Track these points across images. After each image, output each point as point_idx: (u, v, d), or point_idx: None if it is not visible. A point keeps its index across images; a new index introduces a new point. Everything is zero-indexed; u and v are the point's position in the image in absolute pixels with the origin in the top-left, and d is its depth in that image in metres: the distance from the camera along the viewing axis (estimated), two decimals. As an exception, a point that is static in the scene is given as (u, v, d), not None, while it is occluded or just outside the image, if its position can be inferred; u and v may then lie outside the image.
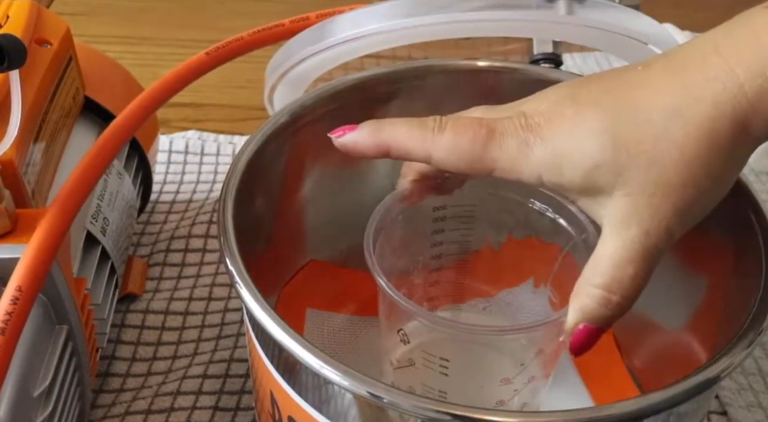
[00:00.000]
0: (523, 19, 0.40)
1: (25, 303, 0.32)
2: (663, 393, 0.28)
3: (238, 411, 0.43)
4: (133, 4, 0.84)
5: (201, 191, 0.59)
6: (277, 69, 0.44)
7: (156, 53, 0.76)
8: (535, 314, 0.41)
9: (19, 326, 0.32)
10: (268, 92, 0.46)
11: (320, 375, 0.28)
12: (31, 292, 0.33)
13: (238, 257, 0.32)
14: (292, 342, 0.29)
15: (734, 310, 0.33)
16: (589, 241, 0.36)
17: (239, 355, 0.46)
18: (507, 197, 0.39)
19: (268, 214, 0.40)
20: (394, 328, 0.38)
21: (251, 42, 0.46)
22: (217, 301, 0.50)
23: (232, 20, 0.81)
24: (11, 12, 0.41)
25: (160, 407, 0.43)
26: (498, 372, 0.38)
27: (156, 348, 0.47)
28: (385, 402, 0.27)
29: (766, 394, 0.45)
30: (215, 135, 0.64)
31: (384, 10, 0.41)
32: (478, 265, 0.43)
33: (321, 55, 0.42)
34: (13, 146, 0.35)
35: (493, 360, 0.40)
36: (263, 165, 0.38)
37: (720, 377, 0.29)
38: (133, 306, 0.49)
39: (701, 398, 0.29)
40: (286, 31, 0.45)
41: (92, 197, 0.44)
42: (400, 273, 0.40)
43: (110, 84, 0.50)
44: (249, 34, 0.46)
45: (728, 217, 0.36)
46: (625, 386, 0.43)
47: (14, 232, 0.35)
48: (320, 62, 0.43)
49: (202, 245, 0.53)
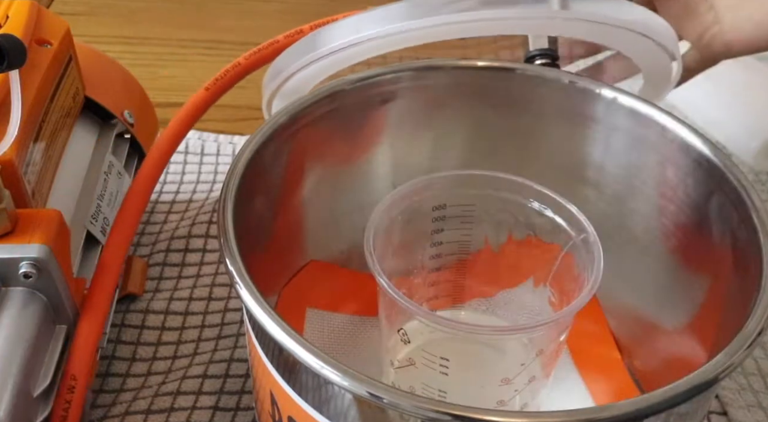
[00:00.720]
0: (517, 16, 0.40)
1: (80, 391, 0.36)
2: (663, 393, 0.28)
3: (238, 411, 0.43)
4: (133, 4, 0.84)
5: (201, 191, 0.59)
6: (271, 82, 0.44)
7: (156, 53, 0.76)
8: (535, 314, 0.41)
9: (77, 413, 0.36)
10: (266, 104, 0.46)
11: (320, 376, 0.28)
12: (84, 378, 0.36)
13: (238, 258, 0.32)
14: (292, 342, 0.29)
15: (734, 310, 0.33)
16: (589, 241, 0.37)
17: (239, 355, 0.46)
18: (507, 197, 0.39)
19: (268, 214, 0.40)
20: (395, 328, 0.38)
21: (249, 66, 0.46)
22: (217, 301, 0.50)
23: (233, 20, 0.81)
24: (11, 12, 0.41)
25: (160, 407, 0.43)
26: (498, 372, 0.38)
27: (156, 347, 0.47)
28: (385, 403, 0.27)
29: (766, 394, 0.45)
30: (215, 135, 0.64)
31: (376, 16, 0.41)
32: (478, 265, 0.43)
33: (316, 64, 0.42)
34: (13, 145, 0.35)
35: (494, 360, 0.40)
36: (263, 165, 0.38)
37: (720, 377, 0.29)
38: (133, 306, 0.49)
39: (701, 398, 0.29)
40: (282, 47, 0.45)
41: (92, 197, 0.44)
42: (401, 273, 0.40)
43: (110, 84, 0.50)
44: (245, 58, 0.46)
45: (728, 217, 0.36)
46: (625, 386, 0.43)
47: (14, 232, 0.35)
48: (316, 71, 0.43)
49: (202, 245, 0.53)
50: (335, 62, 0.42)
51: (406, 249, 0.40)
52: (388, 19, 0.40)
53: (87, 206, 0.43)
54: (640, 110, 0.40)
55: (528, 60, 0.44)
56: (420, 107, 0.44)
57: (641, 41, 0.41)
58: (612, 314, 0.45)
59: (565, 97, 0.43)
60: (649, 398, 0.28)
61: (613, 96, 0.41)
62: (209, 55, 0.75)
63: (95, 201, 0.44)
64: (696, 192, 0.38)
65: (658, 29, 0.42)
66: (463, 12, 0.40)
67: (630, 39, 0.41)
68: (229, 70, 0.46)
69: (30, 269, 0.34)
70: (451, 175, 0.40)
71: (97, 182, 0.45)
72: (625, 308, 0.44)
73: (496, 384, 0.37)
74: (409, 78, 0.43)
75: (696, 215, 0.39)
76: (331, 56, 0.42)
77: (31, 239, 0.34)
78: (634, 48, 0.42)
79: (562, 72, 0.43)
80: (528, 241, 0.40)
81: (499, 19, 0.40)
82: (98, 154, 0.47)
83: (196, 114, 0.45)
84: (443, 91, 0.44)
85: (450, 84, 0.43)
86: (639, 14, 0.42)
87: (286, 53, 0.44)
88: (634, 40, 0.41)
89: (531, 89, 0.43)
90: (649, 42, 0.42)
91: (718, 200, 0.37)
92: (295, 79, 0.43)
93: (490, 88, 0.44)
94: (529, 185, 0.39)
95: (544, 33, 0.44)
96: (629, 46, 0.42)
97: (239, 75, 0.46)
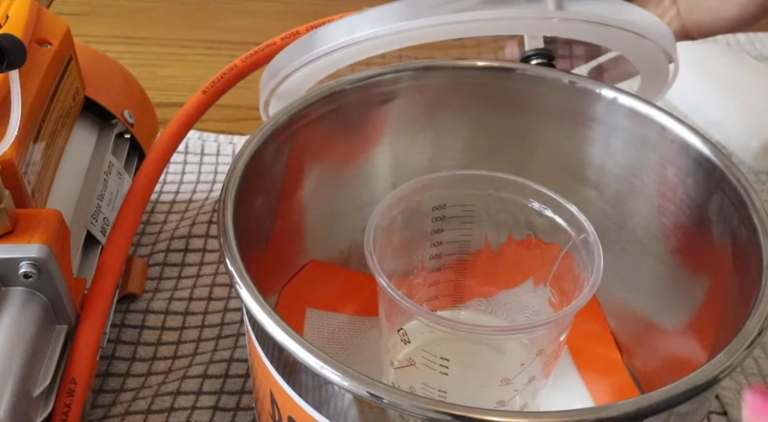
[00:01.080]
0: (513, 17, 0.40)
1: (80, 394, 0.36)
2: (663, 393, 0.28)
3: (238, 411, 0.43)
4: (133, 4, 0.84)
5: (201, 191, 0.59)
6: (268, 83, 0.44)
7: (156, 53, 0.76)
8: (535, 314, 0.41)
9: (77, 414, 0.36)
10: (263, 106, 0.46)
11: (320, 376, 0.28)
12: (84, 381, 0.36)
13: (238, 258, 0.32)
14: (292, 342, 0.29)
15: (734, 310, 0.33)
16: (589, 241, 0.37)
17: (239, 355, 0.46)
18: (506, 197, 0.39)
19: (268, 214, 0.40)
20: (395, 328, 0.38)
21: (245, 68, 0.46)
22: (217, 301, 0.50)
23: (233, 20, 0.81)
24: (11, 12, 0.41)
25: (160, 407, 0.43)
26: (498, 372, 0.38)
27: (156, 347, 0.47)
28: (385, 403, 0.27)
29: (766, 394, 0.45)
30: (215, 135, 0.64)
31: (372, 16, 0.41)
32: (478, 265, 0.43)
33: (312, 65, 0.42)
34: (13, 145, 0.35)
35: (494, 360, 0.40)
36: (263, 165, 0.38)
37: (720, 377, 0.29)
38: (133, 306, 0.49)
39: (701, 398, 0.29)
40: (278, 49, 0.45)
41: (92, 197, 0.44)
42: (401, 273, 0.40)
43: (110, 84, 0.50)
44: (242, 60, 0.46)
45: (728, 217, 0.36)
46: (626, 386, 0.43)
47: (14, 232, 0.35)
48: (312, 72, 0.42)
49: (202, 245, 0.53)
50: (331, 63, 0.42)
51: (406, 249, 0.40)
52: (384, 19, 0.40)
53: (87, 206, 0.43)
54: (640, 110, 0.40)
55: (524, 60, 0.44)
56: (420, 107, 0.44)
57: (638, 41, 0.41)
58: (612, 314, 0.45)
59: (565, 98, 0.43)
60: (649, 398, 0.28)
61: (613, 96, 0.41)
62: (209, 56, 0.75)
63: (95, 201, 0.44)
64: (696, 192, 0.38)
65: (655, 29, 0.42)
66: (458, 12, 0.40)
67: (627, 39, 0.41)
68: (226, 72, 0.46)
69: (30, 269, 0.34)
70: (451, 175, 0.40)
71: (97, 182, 0.45)
72: (625, 308, 0.44)
73: (496, 383, 0.37)
74: (409, 78, 0.43)
75: (696, 215, 0.39)
76: (328, 57, 0.41)
77: (31, 239, 0.34)
78: (631, 48, 0.42)
79: (561, 72, 0.43)
80: (528, 241, 0.40)
81: (495, 20, 0.40)
82: (98, 154, 0.47)
83: (195, 116, 0.45)
84: (443, 91, 0.44)
85: (450, 84, 0.43)
86: (636, 14, 0.42)
87: (282, 54, 0.44)
88: (630, 40, 0.41)
89: (531, 89, 0.43)
90: (646, 42, 0.41)
91: (718, 200, 0.37)
92: (292, 80, 0.43)
93: (489, 88, 0.44)
94: (529, 185, 0.39)
95: (540, 33, 0.44)
96: (626, 46, 0.42)
97: (236, 77, 0.46)
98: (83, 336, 0.37)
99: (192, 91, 0.45)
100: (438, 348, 0.36)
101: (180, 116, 0.44)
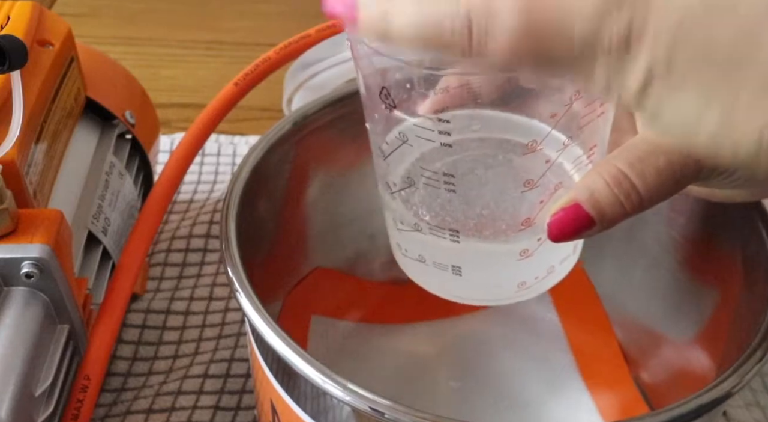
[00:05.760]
0: None
1: (93, 391, 0.36)
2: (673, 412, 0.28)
3: (239, 410, 0.43)
4: (135, 6, 0.85)
5: (202, 191, 0.59)
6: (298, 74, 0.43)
7: (157, 54, 0.76)
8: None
9: (89, 411, 0.36)
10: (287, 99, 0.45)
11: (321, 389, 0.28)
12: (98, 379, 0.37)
13: (239, 265, 0.32)
14: (292, 354, 0.29)
15: (744, 323, 0.33)
16: None
17: (240, 354, 0.46)
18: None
19: (272, 221, 0.40)
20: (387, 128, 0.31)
21: (279, 59, 0.45)
22: (218, 301, 0.50)
23: (234, 21, 0.81)
24: (13, 13, 0.41)
25: (161, 406, 0.43)
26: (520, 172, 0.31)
27: (157, 347, 0.47)
28: (386, 418, 0.27)
29: (764, 393, 0.45)
30: (216, 135, 0.64)
31: None
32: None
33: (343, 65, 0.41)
34: (15, 146, 0.35)
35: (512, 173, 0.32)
36: (267, 172, 0.38)
37: (730, 394, 0.28)
38: (134, 306, 0.49)
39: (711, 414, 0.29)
40: (313, 41, 0.45)
41: (93, 197, 0.44)
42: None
43: (112, 85, 0.50)
44: (276, 52, 0.45)
45: (738, 229, 0.36)
46: (633, 399, 0.42)
47: (16, 232, 0.35)
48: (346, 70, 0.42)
49: (203, 245, 0.53)
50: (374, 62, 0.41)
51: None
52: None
53: (88, 206, 0.44)
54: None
55: None
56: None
57: None
58: (620, 326, 0.45)
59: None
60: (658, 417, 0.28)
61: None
62: (210, 56, 0.75)
63: (96, 201, 0.44)
64: (706, 204, 0.38)
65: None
66: None
67: None
68: (259, 64, 0.45)
69: (32, 269, 0.34)
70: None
71: (99, 182, 0.45)
72: (633, 319, 0.44)
73: (518, 190, 0.30)
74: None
75: (705, 228, 0.38)
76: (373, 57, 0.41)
77: (32, 239, 0.34)
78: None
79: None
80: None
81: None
82: (99, 154, 0.47)
83: (224, 110, 0.44)
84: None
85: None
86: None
87: (317, 47, 0.43)
88: None
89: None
90: None
91: (727, 213, 0.37)
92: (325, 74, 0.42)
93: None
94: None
95: None
96: None
97: (269, 69, 0.45)
98: (99, 334, 0.37)
99: (193, 92, 0.45)
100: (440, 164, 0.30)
101: (210, 109, 0.43)
